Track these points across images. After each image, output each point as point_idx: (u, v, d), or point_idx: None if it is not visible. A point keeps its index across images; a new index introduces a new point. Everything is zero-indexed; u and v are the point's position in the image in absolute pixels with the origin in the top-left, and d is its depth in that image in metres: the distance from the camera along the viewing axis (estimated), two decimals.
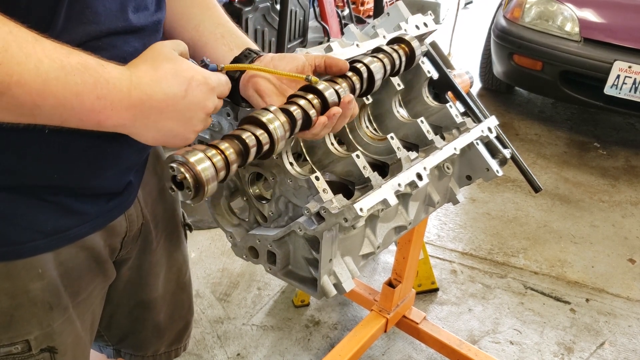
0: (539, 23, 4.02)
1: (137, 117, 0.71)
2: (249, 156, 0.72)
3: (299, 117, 0.78)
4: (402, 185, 1.06)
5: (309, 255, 1.06)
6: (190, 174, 0.66)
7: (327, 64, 0.85)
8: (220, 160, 0.69)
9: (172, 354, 1.28)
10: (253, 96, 0.86)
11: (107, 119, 0.69)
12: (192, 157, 0.66)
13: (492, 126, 1.36)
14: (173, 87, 0.72)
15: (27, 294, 0.85)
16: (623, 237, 3.11)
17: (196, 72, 0.75)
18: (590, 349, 2.34)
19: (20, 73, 0.61)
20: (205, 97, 0.75)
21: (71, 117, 0.67)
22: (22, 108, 0.63)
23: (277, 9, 3.63)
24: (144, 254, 1.09)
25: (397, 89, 1.27)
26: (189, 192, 0.66)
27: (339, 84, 0.85)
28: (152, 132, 0.73)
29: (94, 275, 0.96)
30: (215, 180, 0.67)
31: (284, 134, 0.76)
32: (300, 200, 1.03)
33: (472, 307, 2.52)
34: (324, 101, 0.80)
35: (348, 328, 2.34)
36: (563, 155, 3.99)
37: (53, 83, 0.63)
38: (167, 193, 1.13)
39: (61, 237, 0.86)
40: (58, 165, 0.80)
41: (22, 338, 0.87)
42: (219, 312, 2.38)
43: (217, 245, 2.76)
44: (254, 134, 0.73)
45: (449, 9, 6.96)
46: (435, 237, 2.99)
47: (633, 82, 3.64)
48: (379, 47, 0.97)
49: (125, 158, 0.90)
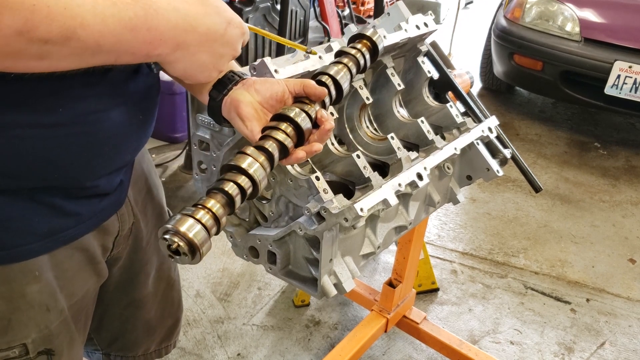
0: (539, 23, 4.02)
1: (179, 47, 0.74)
2: (235, 205, 0.75)
3: (275, 152, 0.81)
4: (403, 185, 1.06)
5: (310, 255, 1.06)
6: (183, 242, 0.68)
7: (305, 92, 0.87)
8: (210, 218, 0.72)
9: (162, 351, 1.29)
10: (235, 119, 0.87)
11: (154, 49, 0.71)
12: (182, 227, 0.68)
13: (492, 126, 1.36)
14: (216, 23, 0.77)
15: (24, 297, 0.85)
16: (623, 237, 3.11)
17: (234, 15, 0.80)
18: (591, 349, 2.34)
19: (83, 15, 0.62)
20: (239, 39, 0.81)
21: (126, 52, 0.69)
22: (86, 51, 0.65)
23: (278, 9, 3.63)
24: (134, 252, 1.09)
25: (398, 89, 1.27)
26: (186, 256, 0.69)
27: (311, 104, 0.86)
28: (185, 63, 0.77)
29: (89, 275, 0.96)
30: (208, 240, 0.70)
31: (264, 175, 0.79)
32: (300, 200, 1.03)
33: (473, 307, 2.52)
34: (299, 128, 0.83)
35: (348, 328, 2.34)
36: (563, 155, 3.99)
37: (110, 21, 0.64)
38: (155, 190, 1.14)
39: (56, 238, 0.86)
40: (56, 166, 0.79)
41: (20, 342, 0.87)
42: (220, 312, 2.38)
43: (217, 245, 2.76)
44: (235, 182, 0.76)
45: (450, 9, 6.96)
46: (436, 237, 2.99)
47: (633, 82, 3.64)
48: (341, 51, 0.97)
49: (121, 158, 0.90)
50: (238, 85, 0.88)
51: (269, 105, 0.87)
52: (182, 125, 3.55)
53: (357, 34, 0.99)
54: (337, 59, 0.95)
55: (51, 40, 0.61)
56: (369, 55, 0.98)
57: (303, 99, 0.86)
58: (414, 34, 1.28)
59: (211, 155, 1.13)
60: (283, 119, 0.83)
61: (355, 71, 0.95)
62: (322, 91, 0.86)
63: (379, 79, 1.31)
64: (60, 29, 0.61)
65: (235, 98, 0.86)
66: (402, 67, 1.40)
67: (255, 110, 0.86)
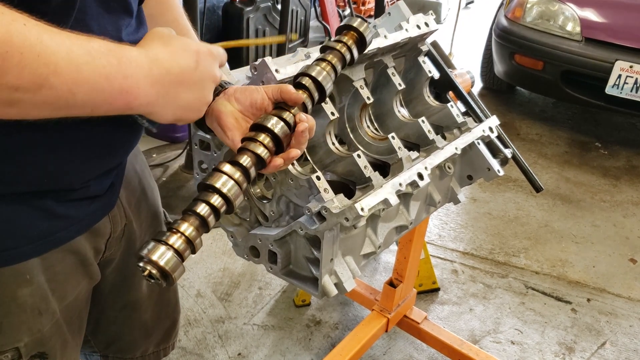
0: (540, 23, 4.02)
1: (160, 94, 0.74)
2: (209, 225, 0.78)
3: (251, 166, 0.82)
4: (403, 185, 1.06)
5: (310, 254, 1.06)
6: (156, 269, 0.72)
7: (282, 98, 0.87)
8: (182, 242, 0.75)
9: (160, 353, 1.29)
10: (217, 129, 0.89)
11: (135, 99, 0.70)
12: (154, 255, 0.72)
13: (493, 126, 1.36)
14: (186, 60, 0.76)
15: (16, 301, 0.85)
16: (624, 237, 3.11)
17: (199, 45, 0.79)
18: (592, 348, 2.34)
19: (56, 63, 0.61)
20: (213, 66, 0.81)
21: (103, 101, 0.68)
22: (59, 100, 0.63)
23: (279, 9, 3.63)
24: (128, 254, 1.09)
25: (399, 89, 1.27)
26: (159, 281, 0.74)
27: (290, 109, 0.86)
28: (172, 108, 0.77)
29: (80, 278, 0.96)
30: (180, 265, 0.74)
31: (239, 191, 0.81)
32: (301, 200, 1.03)
33: (473, 306, 2.52)
34: (276, 138, 0.84)
35: (349, 328, 2.34)
36: (564, 155, 3.98)
37: (84, 69, 0.63)
38: (149, 190, 1.14)
39: (47, 241, 0.85)
40: (48, 170, 0.80)
41: (12, 346, 0.87)
42: (220, 312, 2.38)
43: (218, 245, 2.76)
44: (208, 202, 0.78)
45: (450, 9, 6.96)
46: (437, 236, 2.99)
47: (634, 82, 3.64)
48: (325, 46, 0.96)
49: (111, 159, 0.91)
50: (220, 96, 0.89)
51: (249, 113, 0.88)
52: (182, 125, 3.55)
53: (343, 26, 0.97)
54: (322, 56, 0.94)
55: (22, 87, 0.59)
56: (355, 48, 0.96)
57: (282, 105, 0.87)
58: (414, 34, 1.28)
59: (212, 154, 1.13)
60: (260, 129, 0.84)
61: (341, 66, 0.95)
62: (297, 97, 0.86)
63: (380, 78, 1.31)
64: (31, 75, 0.59)
65: (217, 109, 0.88)
66: (403, 67, 1.40)
67: (236, 119, 0.87)
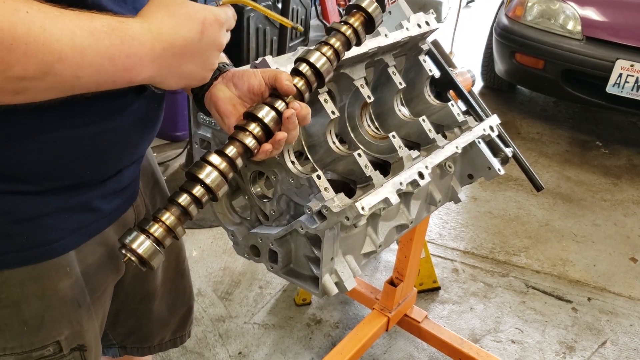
0: (541, 21, 4.01)
1: (162, 67, 0.73)
2: (191, 214, 0.81)
3: (237, 156, 0.83)
4: (404, 184, 1.06)
5: (311, 253, 1.06)
6: (135, 257, 0.76)
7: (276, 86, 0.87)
8: (163, 231, 0.78)
9: (177, 341, 1.30)
10: (215, 115, 0.89)
11: (137, 75, 0.70)
12: (133, 243, 0.76)
13: (493, 125, 1.36)
14: (190, 32, 0.74)
15: (57, 294, 0.85)
16: (625, 236, 3.10)
17: (206, 11, 0.77)
18: (592, 347, 2.34)
19: (61, 49, 0.61)
20: (219, 34, 0.78)
21: (106, 80, 0.68)
22: (64, 84, 0.64)
23: (279, 8, 3.62)
24: None
25: (399, 88, 1.27)
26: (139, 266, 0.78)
27: (282, 99, 0.86)
28: (175, 79, 0.76)
29: (109, 271, 0.98)
30: (158, 253, 0.77)
31: (222, 181, 0.82)
32: (301, 199, 1.03)
33: (474, 305, 2.52)
34: (266, 127, 0.84)
35: (349, 327, 2.34)
36: (565, 154, 3.98)
37: (88, 52, 0.63)
38: (161, 181, 1.16)
39: (83, 232, 0.87)
40: (88, 163, 0.81)
41: (53, 339, 0.87)
42: (221, 311, 2.38)
43: (218, 244, 2.76)
44: (190, 192, 0.80)
45: (451, 8, 6.95)
46: (437, 235, 2.99)
47: (635, 81, 3.64)
48: (331, 27, 0.94)
49: (142, 148, 0.93)
50: (218, 80, 0.89)
51: (247, 99, 0.88)
52: (183, 124, 3.56)
53: (351, 5, 0.95)
54: (325, 38, 0.93)
55: (28, 77, 0.60)
56: (363, 29, 0.94)
57: (277, 92, 0.87)
58: (415, 33, 1.27)
59: None
60: (251, 118, 0.85)
61: (345, 50, 0.94)
62: (288, 89, 0.86)
63: (381, 77, 1.31)
64: (37, 65, 0.59)
65: (214, 94, 0.88)
66: (404, 66, 1.40)
67: (233, 105, 0.87)
